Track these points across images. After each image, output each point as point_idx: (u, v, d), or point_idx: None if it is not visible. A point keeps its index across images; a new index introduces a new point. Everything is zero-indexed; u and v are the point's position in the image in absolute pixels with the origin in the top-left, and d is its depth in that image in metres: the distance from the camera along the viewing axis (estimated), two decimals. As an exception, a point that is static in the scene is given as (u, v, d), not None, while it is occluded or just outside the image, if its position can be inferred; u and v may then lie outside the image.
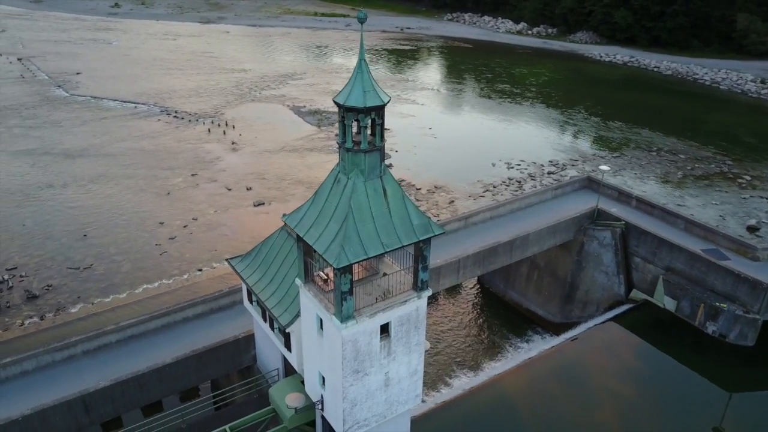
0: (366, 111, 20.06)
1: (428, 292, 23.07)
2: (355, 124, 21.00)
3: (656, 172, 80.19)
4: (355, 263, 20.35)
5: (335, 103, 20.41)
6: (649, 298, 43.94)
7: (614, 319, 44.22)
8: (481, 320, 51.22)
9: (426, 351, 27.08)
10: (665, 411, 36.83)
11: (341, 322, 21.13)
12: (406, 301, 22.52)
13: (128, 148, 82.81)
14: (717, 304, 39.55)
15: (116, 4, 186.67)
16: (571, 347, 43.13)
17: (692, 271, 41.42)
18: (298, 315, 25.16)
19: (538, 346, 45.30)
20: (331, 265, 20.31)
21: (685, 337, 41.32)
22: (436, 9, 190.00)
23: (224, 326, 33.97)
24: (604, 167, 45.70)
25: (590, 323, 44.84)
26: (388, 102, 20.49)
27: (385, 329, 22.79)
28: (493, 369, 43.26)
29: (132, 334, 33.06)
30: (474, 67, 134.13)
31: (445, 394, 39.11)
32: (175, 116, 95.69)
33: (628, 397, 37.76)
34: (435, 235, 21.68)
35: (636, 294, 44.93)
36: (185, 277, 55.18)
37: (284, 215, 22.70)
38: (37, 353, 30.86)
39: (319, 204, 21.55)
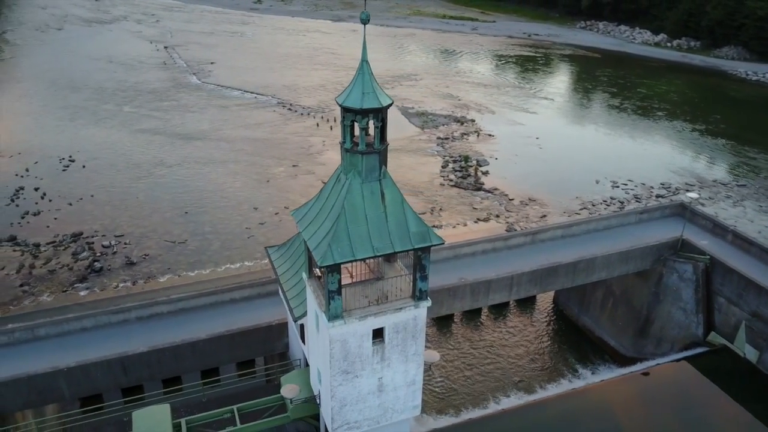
0: (363, 113, 19.92)
1: (427, 303, 22.43)
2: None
3: (786, 206, 71.79)
4: (341, 263, 20.29)
5: (336, 102, 20.47)
6: (729, 344, 39.42)
7: (688, 359, 40.27)
8: (548, 342, 48.90)
9: (432, 364, 26.43)
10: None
11: (328, 320, 21.19)
12: (401, 308, 22.08)
13: (240, 135, 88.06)
14: (806, 361, 34.75)
15: (259, 0, 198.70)
16: (639, 381, 39.90)
17: (781, 321, 36.65)
18: (311, 309, 25.51)
19: (603, 377, 42.41)
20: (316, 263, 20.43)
21: (765, 393, 36.63)
22: (569, 16, 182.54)
23: (266, 312, 35.07)
24: (692, 194, 41.70)
25: (662, 360, 41.30)
26: (389, 105, 20.20)
27: (379, 334, 22.52)
28: (545, 391, 41.28)
29: (182, 307, 35.20)
30: (597, 78, 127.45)
31: (480, 411, 37.83)
32: (289, 109, 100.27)
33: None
34: (432, 245, 21.04)
35: (715, 337, 40.50)
36: (266, 261, 57.84)
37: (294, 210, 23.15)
38: (96, 313, 33.90)
39: (321, 201, 21.74)
